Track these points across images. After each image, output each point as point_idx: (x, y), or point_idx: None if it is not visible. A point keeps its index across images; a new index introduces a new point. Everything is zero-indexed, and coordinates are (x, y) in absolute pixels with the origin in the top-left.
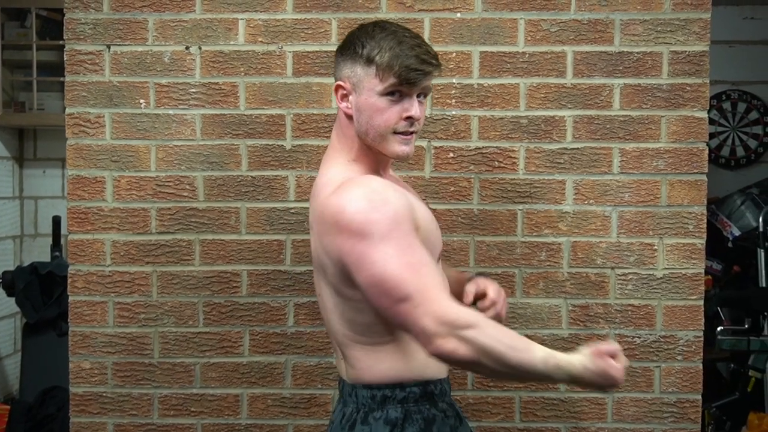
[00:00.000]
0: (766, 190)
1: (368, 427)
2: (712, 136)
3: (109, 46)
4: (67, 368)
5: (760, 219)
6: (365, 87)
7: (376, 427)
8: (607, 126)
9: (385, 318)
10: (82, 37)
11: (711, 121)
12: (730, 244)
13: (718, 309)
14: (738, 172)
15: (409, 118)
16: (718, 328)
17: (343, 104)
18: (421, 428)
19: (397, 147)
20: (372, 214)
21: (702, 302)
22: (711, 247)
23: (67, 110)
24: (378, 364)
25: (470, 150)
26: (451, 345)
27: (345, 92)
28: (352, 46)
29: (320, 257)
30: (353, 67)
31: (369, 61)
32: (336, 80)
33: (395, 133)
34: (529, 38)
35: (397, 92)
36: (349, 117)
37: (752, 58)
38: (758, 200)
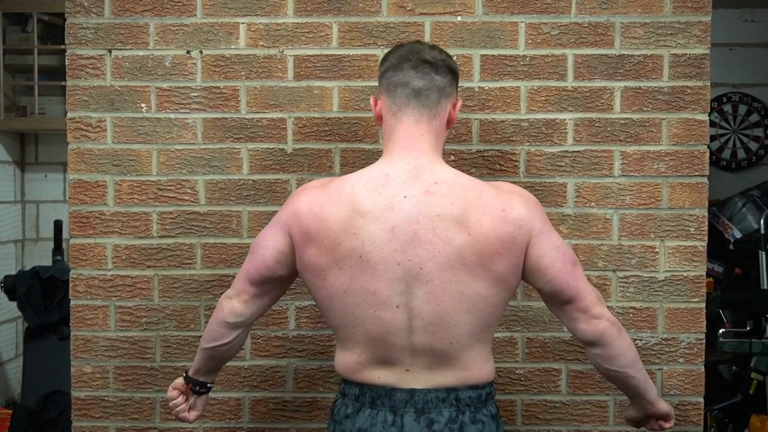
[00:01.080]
0: (767, 192)
1: (480, 424)
2: (712, 138)
3: (110, 51)
4: (69, 372)
5: (761, 221)
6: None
7: (488, 423)
8: (608, 129)
9: (556, 281)
10: (83, 41)
11: (712, 124)
12: (731, 247)
13: (720, 311)
14: (739, 175)
15: None
16: (720, 331)
17: (456, 116)
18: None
19: None
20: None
21: (704, 305)
22: (712, 250)
23: (69, 114)
24: (487, 363)
25: (471, 153)
26: (607, 310)
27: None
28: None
29: (485, 251)
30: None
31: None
32: (454, 95)
33: None
34: (529, 41)
35: None
36: (447, 127)
37: (752, 60)
38: (759, 202)
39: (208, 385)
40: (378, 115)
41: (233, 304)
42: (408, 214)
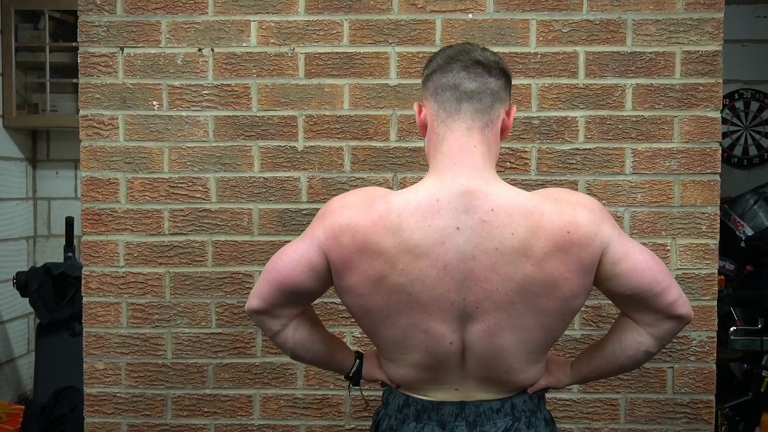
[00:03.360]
0: None
1: (533, 429)
2: (724, 135)
3: (122, 48)
4: (80, 368)
5: None
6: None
7: (539, 427)
8: (620, 126)
9: (639, 292)
10: (95, 39)
11: (723, 121)
12: (743, 244)
13: (731, 309)
14: (751, 172)
15: None
16: (731, 329)
17: (510, 124)
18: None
19: None
20: None
21: (715, 303)
22: (724, 247)
23: (81, 112)
24: (540, 371)
25: None
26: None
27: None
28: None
29: (549, 280)
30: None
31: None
32: (508, 100)
33: None
34: (541, 39)
35: None
36: (501, 136)
37: (765, 56)
38: None
39: (351, 375)
40: (422, 123)
41: (260, 319)
42: (462, 249)
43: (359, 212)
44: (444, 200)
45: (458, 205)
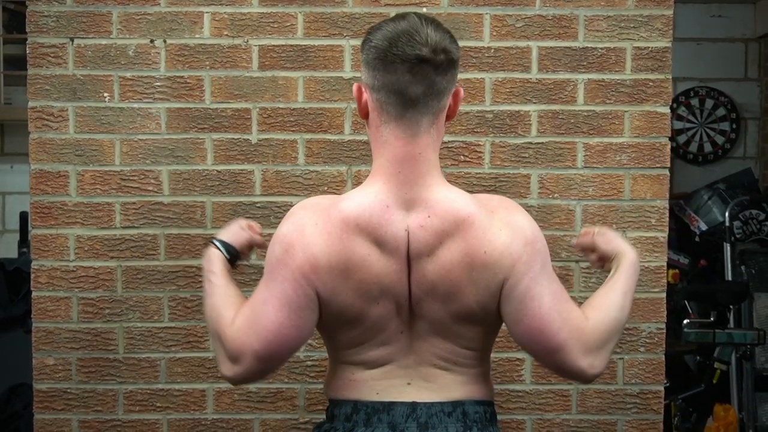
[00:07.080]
0: (732, 185)
1: None
2: (680, 132)
3: (72, 39)
4: None
5: (726, 214)
6: None
7: None
8: (572, 121)
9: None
10: (45, 29)
11: (679, 118)
12: (697, 239)
13: (686, 302)
14: (705, 168)
15: None
16: (685, 321)
17: (456, 109)
18: None
19: None
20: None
21: (664, 295)
22: (679, 242)
23: (30, 103)
24: (489, 379)
25: None
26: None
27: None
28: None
29: (467, 290)
30: None
31: None
32: (454, 86)
33: None
34: (494, 33)
35: None
36: (448, 121)
37: (720, 55)
38: (725, 195)
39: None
40: (364, 110)
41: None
42: (411, 249)
43: (322, 233)
44: (393, 207)
45: (404, 212)
